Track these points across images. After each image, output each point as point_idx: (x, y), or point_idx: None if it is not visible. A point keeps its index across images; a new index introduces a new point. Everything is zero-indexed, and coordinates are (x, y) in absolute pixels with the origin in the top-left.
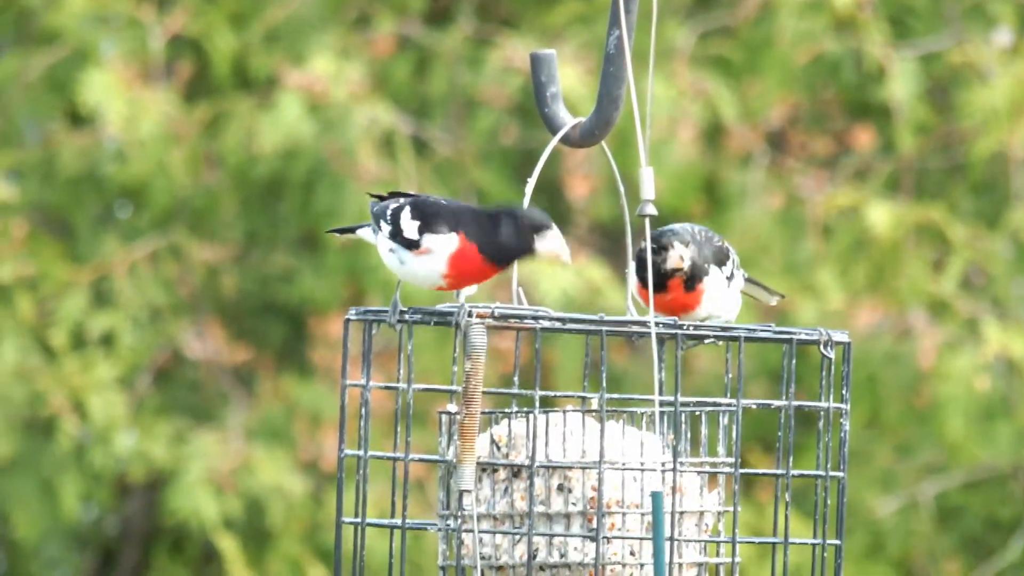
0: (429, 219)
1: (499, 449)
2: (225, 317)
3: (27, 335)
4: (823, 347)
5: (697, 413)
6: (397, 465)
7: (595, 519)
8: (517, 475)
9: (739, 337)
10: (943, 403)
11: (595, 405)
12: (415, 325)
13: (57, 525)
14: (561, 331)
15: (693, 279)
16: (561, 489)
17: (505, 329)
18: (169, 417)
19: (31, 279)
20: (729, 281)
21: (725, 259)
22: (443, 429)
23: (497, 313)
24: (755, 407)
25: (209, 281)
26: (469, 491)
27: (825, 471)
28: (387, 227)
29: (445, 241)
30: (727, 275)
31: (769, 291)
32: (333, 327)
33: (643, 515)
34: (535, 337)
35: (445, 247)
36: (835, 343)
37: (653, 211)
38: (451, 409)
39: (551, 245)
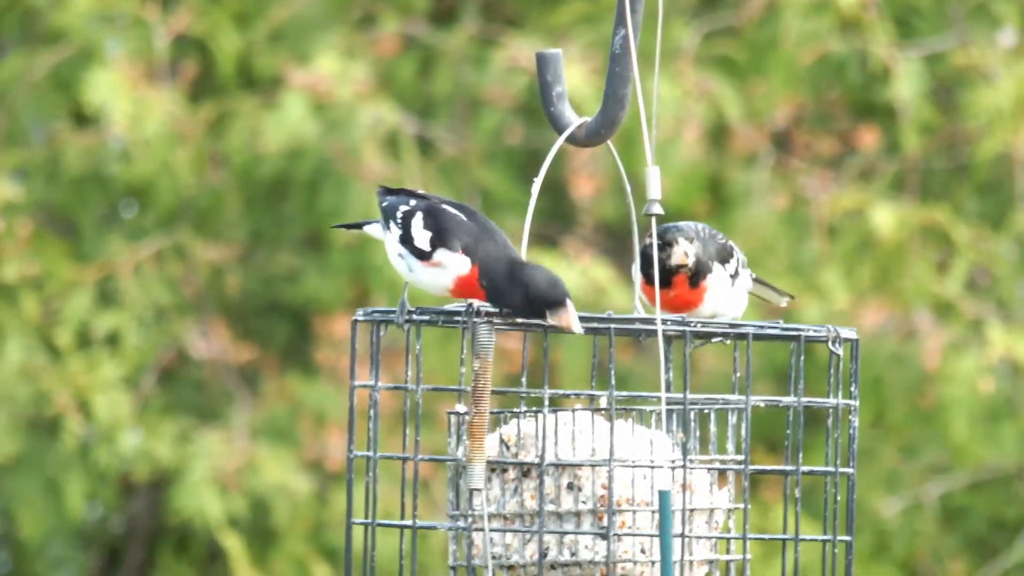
0: (444, 234)
1: (508, 449)
2: (230, 317)
3: (32, 334)
4: (832, 344)
5: (706, 411)
6: (407, 465)
7: (606, 517)
8: (527, 474)
9: (748, 334)
10: (948, 404)
11: (603, 403)
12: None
13: (62, 524)
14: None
15: (697, 276)
16: (571, 488)
17: (513, 329)
18: (174, 416)
19: (36, 278)
20: (733, 279)
21: (729, 257)
22: (452, 430)
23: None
24: (763, 405)
25: (214, 281)
26: (479, 490)
27: (835, 467)
28: (397, 230)
29: (458, 262)
30: (730, 273)
31: (779, 292)
32: (338, 327)
33: (653, 512)
34: (544, 336)
35: (455, 268)
36: (843, 340)
37: (659, 210)
38: (460, 409)
39: (562, 321)
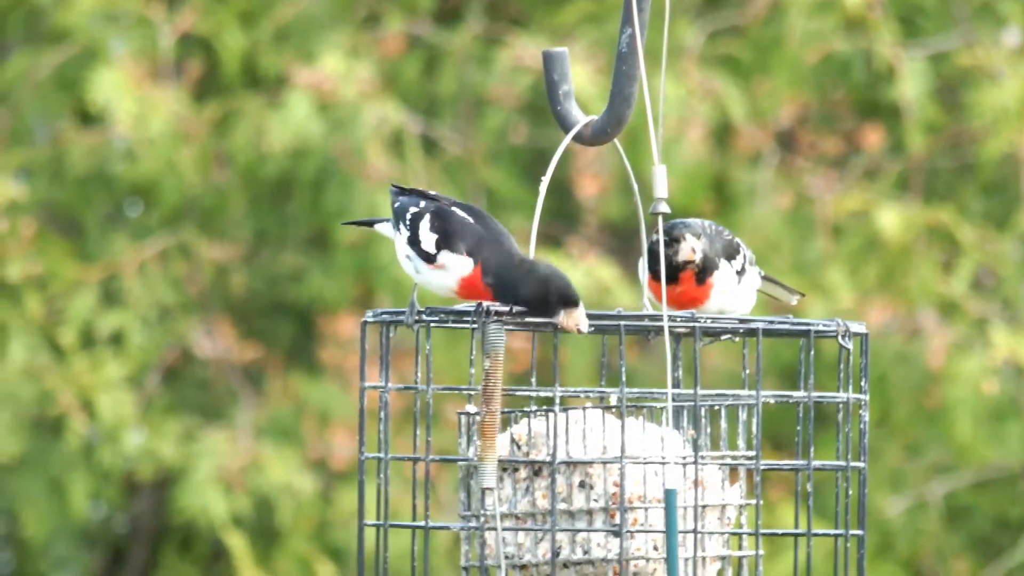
0: (449, 236)
1: (520, 448)
2: (234, 316)
3: (36, 334)
4: (841, 338)
5: (716, 408)
6: (417, 466)
7: (618, 514)
8: (538, 473)
9: (758, 329)
10: (952, 404)
11: (613, 402)
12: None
13: (66, 524)
14: None
15: (704, 272)
16: (583, 486)
17: (522, 329)
18: (178, 416)
19: (40, 278)
20: (739, 276)
21: (735, 253)
22: (462, 430)
23: (514, 311)
24: (772, 401)
25: (218, 280)
26: (491, 489)
27: (846, 461)
28: (406, 232)
29: (460, 263)
30: (737, 269)
31: (789, 290)
32: (342, 326)
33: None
34: (553, 335)
35: (458, 269)
36: (853, 334)
37: (666, 209)
38: (470, 409)
39: (571, 322)
